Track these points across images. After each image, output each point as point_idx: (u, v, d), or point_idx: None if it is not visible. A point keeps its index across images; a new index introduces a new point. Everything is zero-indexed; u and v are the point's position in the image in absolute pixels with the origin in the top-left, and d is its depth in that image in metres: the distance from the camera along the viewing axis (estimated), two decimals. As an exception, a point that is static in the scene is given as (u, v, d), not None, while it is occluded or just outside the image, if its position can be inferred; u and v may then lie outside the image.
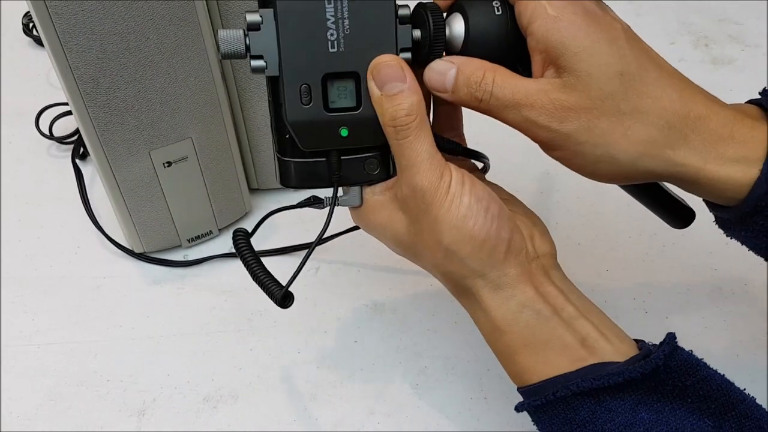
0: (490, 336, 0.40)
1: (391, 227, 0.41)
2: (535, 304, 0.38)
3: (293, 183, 0.41)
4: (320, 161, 0.40)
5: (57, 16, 0.47)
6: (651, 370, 0.35)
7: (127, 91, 0.52)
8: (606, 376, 0.35)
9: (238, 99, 0.62)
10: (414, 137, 0.38)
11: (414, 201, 0.38)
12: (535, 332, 0.38)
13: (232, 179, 0.63)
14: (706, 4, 0.92)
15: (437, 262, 0.39)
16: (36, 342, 0.58)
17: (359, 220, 0.43)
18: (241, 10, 0.56)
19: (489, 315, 0.39)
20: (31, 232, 0.67)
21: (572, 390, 0.36)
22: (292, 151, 0.40)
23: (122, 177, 0.57)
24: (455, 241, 0.38)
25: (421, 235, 0.39)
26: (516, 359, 0.39)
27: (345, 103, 0.39)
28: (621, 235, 0.64)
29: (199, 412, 0.53)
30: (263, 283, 0.42)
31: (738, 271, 0.60)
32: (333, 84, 0.38)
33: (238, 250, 0.43)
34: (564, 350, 0.38)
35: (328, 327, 0.58)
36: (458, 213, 0.37)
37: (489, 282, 0.39)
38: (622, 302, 0.58)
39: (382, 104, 0.38)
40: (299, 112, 0.38)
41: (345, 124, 0.39)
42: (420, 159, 0.38)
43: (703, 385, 0.35)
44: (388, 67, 0.38)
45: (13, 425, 0.52)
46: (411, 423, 0.52)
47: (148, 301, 0.61)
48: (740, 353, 0.54)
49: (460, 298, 0.41)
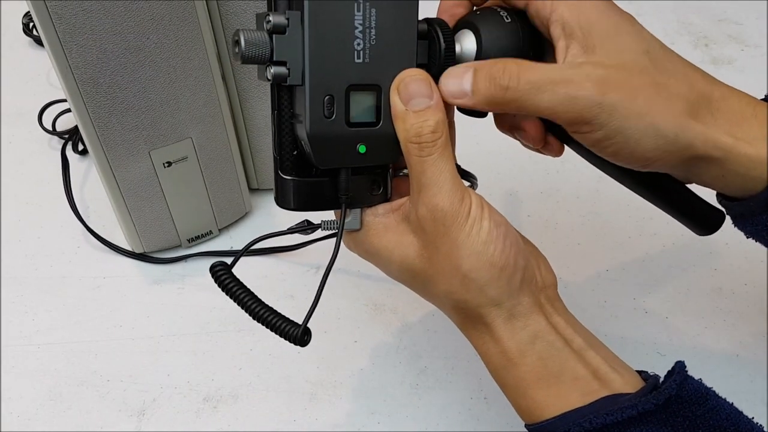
0: (500, 369, 0.38)
1: (398, 251, 0.38)
2: (547, 335, 0.37)
3: (294, 205, 0.38)
4: (324, 181, 0.38)
5: (57, 16, 0.47)
6: (664, 401, 0.34)
7: (127, 91, 0.52)
8: (620, 410, 0.34)
9: (238, 99, 0.62)
10: (438, 155, 0.36)
11: (432, 223, 0.36)
12: (548, 364, 0.37)
13: (232, 179, 0.63)
14: (706, 4, 0.92)
15: (452, 289, 0.37)
16: (36, 342, 0.58)
17: (358, 244, 0.40)
18: (241, 10, 0.56)
19: (501, 346, 0.37)
20: (32, 232, 0.67)
21: (585, 428, 0.35)
22: (296, 169, 0.37)
23: (122, 177, 0.57)
24: (475, 267, 0.36)
25: (436, 259, 0.37)
26: (528, 393, 0.37)
27: (365, 118, 0.37)
28: (621, 235, 0.64)
29: (199, 412, 0.53)
30: (273, 325, 0.38)
31: (738, 271, 0.60)
32: (354, 97, 0.36)
33: (225, 289, 0.39)
34: (576, 382, 0.36)
35: (328, 327, 0.58)
36: (478, 238, 0.36)
37: (504, 311, 0.37)
38: (622, 302, 0.58)
39: (405, 120, 0.36)
40: (321, 125, 0.35)
41: (363, 141, 0.37)
42: (443, 178, 0.36)
43: (713, 415, 0.34)
44: (417, 81, 0.36)
45: (13, 425, 0.52)
46: (411, 423, 0.52)
47: (148, 301, 0.61)
48: (740, 353, 0.54)
49: (469, 329, 0.39)
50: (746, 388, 0.52)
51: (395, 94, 0.36)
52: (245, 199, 0.66)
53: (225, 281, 0.39)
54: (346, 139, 0.36)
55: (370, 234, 0.39)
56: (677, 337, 0.56)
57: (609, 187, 0.68)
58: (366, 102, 0.36)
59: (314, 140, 0.35)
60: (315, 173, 0.37)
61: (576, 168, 0.69)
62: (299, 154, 0.37)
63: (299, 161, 0.37)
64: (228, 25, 0.57)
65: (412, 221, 0.38)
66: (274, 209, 0.68)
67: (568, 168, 0.70)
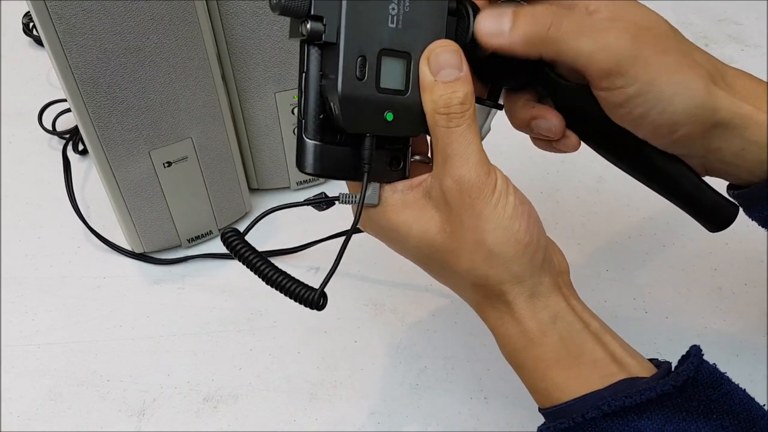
0: (520, 350, 0.38)
1: (418, 227, 0.38)
2: (567, 316, 0.37)
3: (314, 169, 0.37)
4: (347, 149, 0.37)
5: (57, 16, 0.47)
6: (682, 383, 0.34)
7: (127, 91, 0.52)
8: (639, 393, 0.34)
9: (238, 99, 0.62)
10: (466, 127, 0.36)
11: (458, 194, 0.36)
12: (568, 345, 0.37)
13: (232, 179, 0.63)
14: (706, 4, 0.92)
15: (474, 264, 0.37)
16: (36, 342, 0.58)
17: (373, 221, 0.40)
18: (241, 10, 0.56)
19: (522, 325, 0.37)
20: (32, 232, 0.67)
21: (603, 410, 0.34)
22: (320, 133, 0.36)
23: (122, 177, 0.57)
24: (500, 242, 0.36)
25: (459, 234, 0.37)
26: (547, 375, 0.37)
27: (395, 85, 0.36)
28: (621, 235, 0.63)
29: (199, 412, 0.53)
30: (288, 290, 0.37)
31: (738, 270, 0.60)
32: (385, 62, 0.36)
33: (237, 254, 0.38)
34: (595, 365, 0.36)
35: (328, 327, 0.58)
36: (504, 213, 0.36)
37: (525, 289, 0.37)
38: (622, 302, 0.58)
39: (433, 90, 0.36)
40: (353, 85, 0.35)
41: (391, 108, 0.36)
42: (470, 150, 0.36)
43: (727, 399, 0.35)
44: (448, 52, 0.36)
45: (13, 425, 0.52)
46: (411, 423, 0.52)
47: (148, 301, 0.60)
48: (740, 353, 0.54)
49: (487, 309, 0.39)
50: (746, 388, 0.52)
51: (425, 64, 0.37)
52: (245, 199, 0.66)
53: (237, 247, 0.38)
54: (375, 103, 0.36)
55: (388, 210, 0.39)
56: (677, 337, 0.56)
57: (609, 187, 0.68)
58: (396, 69, 0.36)
59: (345, 101, 0.35)
60: (339, 140, 0.37)
61: (576, 168, 0.69)
62: (325, 119, 0.36)
63: (324, 126, 0.36)
64: (228, 25, 0.57)
65: (434, 196, 0.37)
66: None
67: (568, 168, 0.70)
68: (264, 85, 0.61)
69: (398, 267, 0.61)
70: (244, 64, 0.59)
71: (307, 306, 0.37)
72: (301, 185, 0.69)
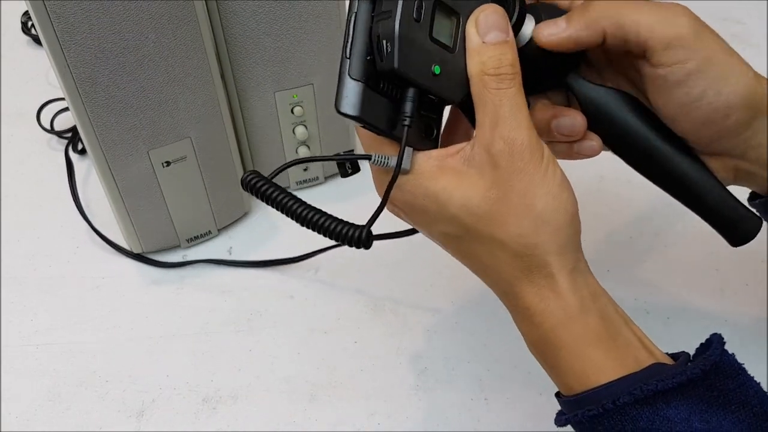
0: (558, 327, 0.36)
1: (459, 192, 0.36)
2: (603, 297, 0.37)
3: (354, 109, 0.35)
4: (387, 102, 0.36)
5: (55, 15, 0.47)
6: (709, 368, 0.34)
7: (125, 90, 0.52)
8: (671, 376, 0.34)
9: (237, 98, 0.62)
10: (517, 90, 0.36)
11: (510, 157, 0.35)
12: (607, 325, 0.36)
13: (231, 179, 0.63)
14: (707, 4, 0.91)
15: (521, 231, 0.35)
16: (35, 342, 0.58)
17: (406, 190, 0.37)
18: (241, 10, 0.56)
19: (563, 300, 0.36)
20: (31, 232, 0.67)
21: (636, 396, 0.34)
22: (365, 75, 0.35)
23: (121, 177, 0.57)
24: (552, 208, 0.35)
25: (508, 198, 0.35)
26: (586, 353, 0.36)
27: (445, 39, 0.36)
28: (622, 235, 0.63)
29: (199, 413, 0.53)
30: (330, 229, 0.35)
31: (740, 271, 0.59)
32: (438, 16, 0.36)
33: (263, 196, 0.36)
34: (629, 348, 0.36)
35: (328, 327, 0.58)
36: (555, 180, 0.36)
37: (569, 263, 0.36)
38: (623, 302, 0.57)
39: (482, 52, 0.36)
40: (410, 26, 0.34)
41: (440, 62, 0.36)
42: (523, 114, 0.35)
43: (743, 390, 0.35)
44: (496, 15, 0.36)
45: (12, 425, 0.52)
46: (411, 424, 0.52)
47: (147, 301, 0.60)
48: (741, 354, 0.54)
49: (525, 285, 0.37)
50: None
51: (472, 26, 0.37)
52: (244, 199, 0.66)
53: (261, 188, 0.36)
54: (426, 51, 0.35)
55: (424, 176, 0.37)
56: (679, 337, 0.55)
57: (609, 187, 0.68)
58: (446, 26, 0.36)
59: (402, 39, 0.34)
60: (381, 88, 0.36)
61: (576, 168, 0.69)
62: (371, 62, 0.35)
63: (370, 68, 0.35)
64: (227, 24, 0.57)
65: (477, 162, 0.36)
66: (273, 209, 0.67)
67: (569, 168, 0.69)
68: (263, 85, 0.60)
69: (398, 267, 0.61)
70: (244, 63, 0.59)
71: (354, 245, 0.35)
72: (301, 185, 0.69)
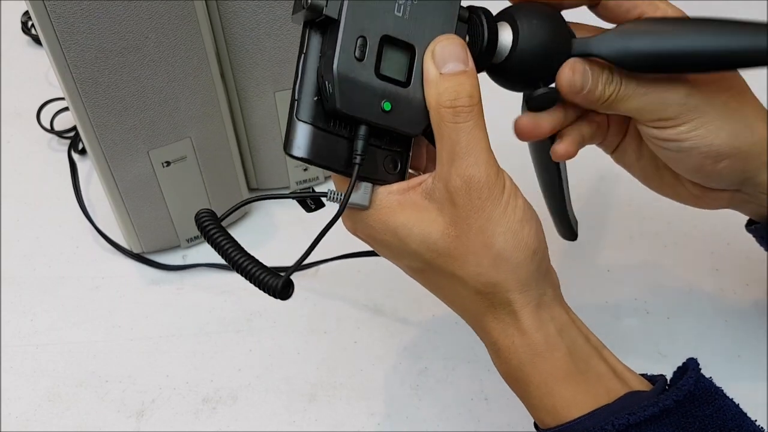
0: (525, 364, 0.36)
1: (419, 229, 0.35)
2: (571, 329, 0.36)
3: (302, 152, 0.35)
4: (339, 138, 0.35)
5: (55, 15, 0.47)
6: (683, 397, 0.33)
7: (125, 90, 0.52)
8: (643, 408, 0.33)
9: (237, 98, 0.62)
10: (475, 123, 0.34)
11: (467, 195, 0.34)
12: (575, 359, 0.35)
13: (231, 179, 0.63)
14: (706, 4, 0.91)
15: (481, 270, 0.35)
16: (34, 342, 0.58)
17: (366, 224, 0.37)
18: (241, 10, 0.56)
19: (528, 338, 0.35)
20: (30, 232, 0.67)
21: (616, 426, 0.33)
22: (313, 116, 0.35)
23: (121, 177, 0.57)
24: (510, 246, 0.34)
25: (466, 237, 0.35)
26: (556, 390, 0.35)
27: (396, 75, 0.35)
28: (622, 235, 0.63)
29: (198, 413, 0.53)
30: (252, 275, 0.35)
31: (740, 271, 0.59)
32: (388, 51, 0.35)
33: (206, 234, 0.36)
34: (600, 380, 0.35)
35: (328, 327, 0.58)
36: (514, 216, 0.35)
37: (532, 299, 0.35)
38: (623, 303, 0.58)
39: (439, 83, 0.35)
40: (350, 65, 0.34)
41: (390, 98, 0.35)
42: (480, 148, 0.34)
43: (720, 415, 0.34)
44: (453, 45, 0.35)
45: (12, 426, 0.52)
46: (411, 424, 0.51)
47: (146, 301, 0.60)
48: (741, 354, 0.54)
49: (490, 321, 0.37)
50: (748, 389, 0.51)
51: (429, 59, 0.35)
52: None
53: (207, 227, 0.36)
54: (373, 89, 0.35)
55: (382, 211, 0.36)
56: (679, 337, 0.56)
57: (609, 187, 0.68)
58: (399, 60, 0.35)
59: (341, 78, 0.34)
60: (332, 128, 0.35)
61: (576, 168, 0.69)
62: (319, 102, 0.35)
63: (318, 109, 0.35)
64: (228, 25, 0.56)
65: (437, 197, 0.35)
66: (272, 209, 0.67)
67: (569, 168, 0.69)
68: (263, 85, 0.60)
69: (398, 267, 0.61)
70: (244, 63, 0.59)
71: (270, 294, 0.35)
72: (301, 185, 0.69)
